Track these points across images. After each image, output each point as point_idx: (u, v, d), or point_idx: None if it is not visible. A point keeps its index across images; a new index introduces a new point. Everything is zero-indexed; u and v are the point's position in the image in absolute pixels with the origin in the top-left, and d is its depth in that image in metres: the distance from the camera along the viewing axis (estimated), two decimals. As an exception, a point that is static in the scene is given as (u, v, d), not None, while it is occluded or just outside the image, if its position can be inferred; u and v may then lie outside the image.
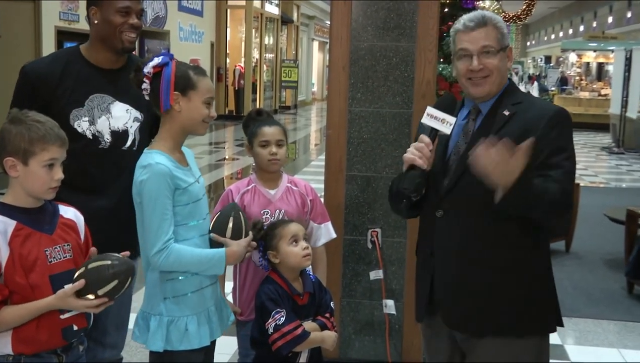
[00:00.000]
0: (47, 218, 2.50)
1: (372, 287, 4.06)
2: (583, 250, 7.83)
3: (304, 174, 12.59)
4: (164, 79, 2.70)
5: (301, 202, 3.38)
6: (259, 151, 3.31)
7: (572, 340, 5.31)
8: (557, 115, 2.57)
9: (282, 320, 2.95)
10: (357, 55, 4.03)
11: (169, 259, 2.66)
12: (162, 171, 2.65)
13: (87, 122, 3.04)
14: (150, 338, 2.75)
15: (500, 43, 2.60)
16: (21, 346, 2.39)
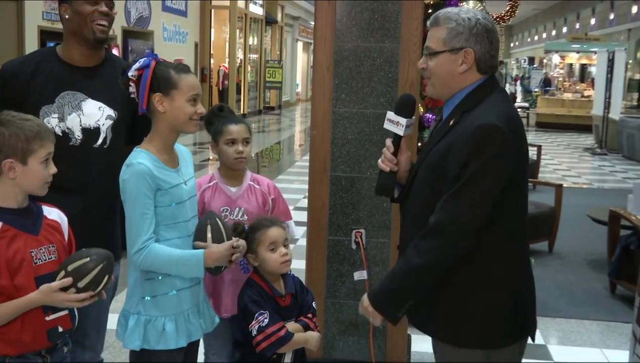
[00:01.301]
0: (32, 219, 2.50)
1: (357, 287, 4.06)
2: (566, 250, 7.88)
3: (288, 174, 12.58)
4: (142, 83, 2.71)
5: (262, 200, 3.42)
6: (225, 149, 3.34)
7: (555, 340, 5.35)
8: (475, 132, 2.31)
9: (265, 321, 2.96)
10: (341, 56, 4.03)
11: (147, 259, 2.66)
12: (141, 171, 2.66)
13: (57, 119, 3.02)
14: (128, 337, 2.77)
15: (445, 44, 2.43)
16: (6, 347, 2.39)
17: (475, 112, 2.38)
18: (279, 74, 28.18)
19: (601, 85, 18.56)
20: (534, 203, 7.94)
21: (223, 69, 24.01)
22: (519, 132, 2.43)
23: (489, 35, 2.43)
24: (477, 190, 2.30)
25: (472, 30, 2.41)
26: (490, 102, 2.41)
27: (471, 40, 2.41)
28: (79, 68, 3.11)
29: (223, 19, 24.45)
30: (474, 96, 2.45)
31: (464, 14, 2.43)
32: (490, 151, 2.28)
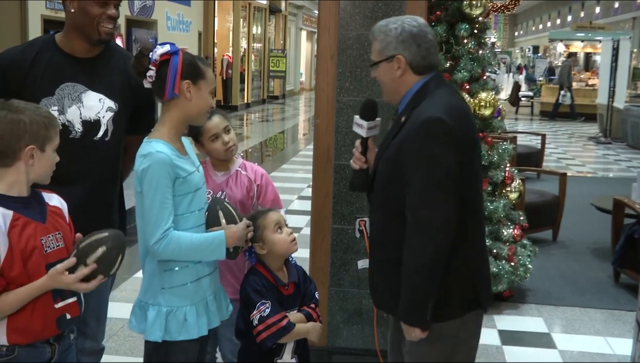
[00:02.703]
0: (38, 207, 2.50)
1: (360, 276, 4.06)
2: (570, 239, 7.87)
3: (292, 163, 12.58)
4: (172, 67, 2.66)
5: (247, 187, 3.44)
6: (211, 146, 3.37)
7: (559, 329, 5.35)
8: (420, 126, 2.55)
9: (267, 311, 2.96)
10: (345, 45, 4.02)
11: (168, 247, 2.63)
12: (162, 159, 2.63)
13: (57, 111, 2.98)
14: (149, 329, 2.74)
15: (381, 55, 2.71)
16: (16, 336, 2.39)
17: (420, 107, 2.61)
18: (282, 63, 28.14)
19: (606, 74, 18.48)
20: (538, 192, 7.94)
21: (227, 58, 23.98)
22: (463, 119, 2.64)
23: (415, 39, 2.67)
24: (436, 175, 2.50)
25: (398, 38, 2.67)
26: (434, 97, 2.64)
27: (399, 47, 2.67)
28: (79, 59, 3.07)
29: (227, 8, 24.40)
30: (420, 94, 2.68)
31: (392, 25, 2.69)
32: (435, 140, 2.51)
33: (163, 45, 2.69)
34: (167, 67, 2.66)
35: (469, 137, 2.64)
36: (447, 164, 2.51)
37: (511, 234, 5.67)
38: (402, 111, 2.73)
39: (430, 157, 2.51)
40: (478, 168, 2.76)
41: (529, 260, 5.76)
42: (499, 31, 50.54)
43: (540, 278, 6.33)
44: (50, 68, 3.01)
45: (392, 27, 2.68)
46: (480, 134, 5.50)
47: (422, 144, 2.53)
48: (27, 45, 3.13)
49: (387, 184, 2.69)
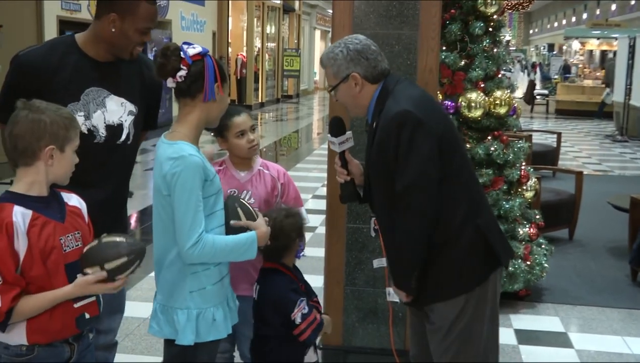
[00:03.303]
0: (57, 206, 2.50)
1: (376, 275, 4.06)
2: (586, 238, 7.83)
3: (306, 162, 12.58)
4: (209, 69, 2.67)
5: (271, 185, 3.45)
6: (236, 142, 3.36)
7: (576, 328, 5.32)
8: (390, 123, 2.78)
9: (306, 308, 2.99)
10: (359, 43, 4.02)
11: (204, 250, 2.62)
12: (196, 163, 2.61)
13: (83, 117, 2.98)
14: (181, 333, 2.72)
15: (336, 78, 2.93)
16: (36, 336, 2.40)
17: (386, 108, 2.83)
18: (296, 63, 28.16)
19: (622, 71, 18.36)
20: (554, 191, 7.90)
21: (241, 57, 24.02)
22: (427, 102, 2.89)
23: (362, 54, 2.91)
24: (415, 160, 2.73)
25: (347, 59, 2.90)
26: (395, 95, 2.86)
27: (351, 66, 2.90)
28: (102, 63, 3.06)
29: (241, 8, 24.45)
30: (381, 97, 2.90)
31: (336, 49, 2.92)
32: (407, 131, 2.73)
33: (191, 46, 2.68)
34: (198, 68, 2.66)
35: (439, 117, 2.88)
36: (425, 149, 2.73)
37: (527, 233, 5.65)
38: (371, 119, 2.94)
39: (408, 147, 2.73)
40: (460, 141, 3.01)
41: (545, 259, 5.73)
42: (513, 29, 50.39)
43: (556, 277, 6.30)
44: (75, 72, 3.00)
45: (338, 51, 2.91)
46: (495, 132, 5.48)
47: (397, 138, 2.74)
48: (49, 47, 3.07)
49: (381, 184, 2.90)
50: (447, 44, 5.35)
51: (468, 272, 2.88)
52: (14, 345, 2.40)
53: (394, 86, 2.90)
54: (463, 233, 2.84)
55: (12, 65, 3.02)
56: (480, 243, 2.87)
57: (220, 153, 3.68)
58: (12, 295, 2.31)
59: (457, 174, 2.86)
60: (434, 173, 2.75)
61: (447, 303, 2.89)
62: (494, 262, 2.93)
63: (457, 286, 2.88)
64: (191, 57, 2.64)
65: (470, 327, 2.90)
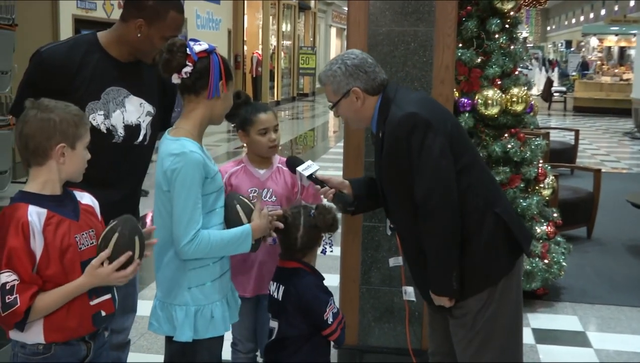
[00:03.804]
0: (70, 205, 2.51)
1: (392, 273, 4.05)
2: (605, 236, 7.78)
3: (322, 161, 12.58)
4: (214, 67, 2.68)
5: (291, 182, 3.45)
6: (257, 139, 3.36)
7: (594, 327, 5.29)
8: (397, 128, 2.81)
9: (336, 308, 3.00)
10: (375, 41, 4.01)
11: (200, 246, 2.63)
12: (196, 160, 2.63)
13: (102, 116, 3.00)
14: (179, 329, 2.73)
15: (336, 95, 2.98)
16: (53, 334, 2.41)
17: (390, 115, 2.87)
18: (312, 60, 28.17)
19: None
20: (572, 189, 7.85)
21: (256, 55, 24.05)
22: (430, 103, 2.98)
23: (359, 68, 2.95)
24: (431, 162, 2.76)
25: (345, 74, 2.94)
26: (397, 101, 2.90)
27: (350, 81, 2.94)
28: (123, 63, 3.07)
29: (256, 6, 24.48)
30: (384, 107, 2.94)
31: (334, 67, 2.97)
32: (416, 133, 2.77)
33: (197, 42, 2.69)
34: (204, 64, 2.67)
35: (445, 115, 2.94)
36: (437, 148, 2.77)
37: (545, 231, 5.62)
38: (376, 129, 2.98)
39: (420, 149, 2.77)
40: (467, 136, 3.09)
41: (563, 258, 5.70)
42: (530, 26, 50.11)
43: (574, 276, 6.26)
44: (97, 71, 3.00)
45: (335, 67, 2.96)
46: (512, 129, 5.45)
47: (407, 142, 2.78)
48: (71, 45, 3.07)
49: (399, 194, 2.93)
50: (463, 41, 5.32)
51: (493, 264, 2.90)
52: (30, 344, 2.41)
53: (394, 94, 2.94)
54: (484, 224, 2.87)
55: (33, 62, 3.02)
56: (501, 232, 2.90)
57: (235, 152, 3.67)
58: (30, 294, 2.32)
59: (470, 168, 2.89)
60: (450, 169, 2.78)
61: (473, 297, 2.91)
62: (516, 250, 2.96)
63: (484, 279, 2.90)
64: (197, 53, 2.66)
65: (495, 318, 2.92)
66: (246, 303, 3.24)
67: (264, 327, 3.35)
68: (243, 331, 3.48)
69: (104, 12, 12.98)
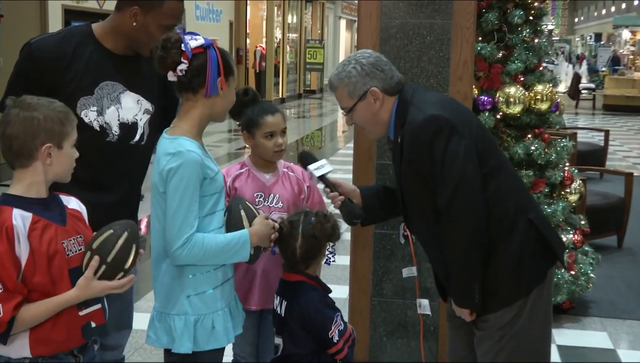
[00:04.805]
0: (57, 209, 2.52)
1: (405, 285, 4.06)
2: (637, 245, 7.76)
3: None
4: (211, 63, 2.69)
5: (298, 188, 3.48)
6: (263, 142, 3.37)
7: (626, 344, 5.29)
8: (419, 132, 2.81)
9: (342, 324, 2.99)
10: (387, 34, 4.02)
11: (193, 251, 2.65)
12: (194, 160, 2.65)
13: (95, 112, 3.01)
14: (178, 340, 2.74)
15: (352, 98, 2.95)
16: (40, 347, 2.41)
17: (409, 119, 2.86)
18: (320, 55, 28.20)
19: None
20: (601, 194, 7.84)
21: (260, 49, 24.10)
22: (452, 105, 2.96)
23: (375, 67, 2.95)
24: (455, 168, 2.75)
25: (362, 74, 2.93)
26: (416, 103, 2.89)
27: (367, 81, 2.93)
28: (119, 56, 3.08)
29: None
30: (401, 109, 2.93)
31: (348, 67, 2.95)
32: (440, 136, 2.76)
33: (194, 37, 2.71)
34: (200, 61, 2.68)
35: (468, 116, 2.96)
36: (461, 152, 2.76)
37: (571, 240, 5.61)
38: (394, 134, 2.97)
39: (444, 153, 2.76)
40: (493, 138, 3.09)
41: (591, 269, 5.69)
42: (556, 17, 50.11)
43: (603, 288, 6.25)
44: (90, 64, 3.01)
45: (350, 68, 2.95)
46: (536, 130, 5.45)
47: (430, 146, 2.78)
48: (64, 36, 3.09)
49: (422, 201, 2.93)
50: (483, 34, 5.33)
51: (524, 273, 2.90)
52: (15, 359, 2.41)
53: (412, 95, 2.94)
54: (515, 231, 2.87)
55: (23, 54, 3.04)
56: (533, 239, 2.90)
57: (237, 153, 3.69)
58: (14, 304, 2.33)
59: (498, 171, 2.90)
60: (476, 175, 2.79)
61: (501, 310, 2.91)
62: (550, 257, 2.97)
63: (515, 290, 2.90)
64: (192, 49, 2.67)
65: (523, 332, 2.92)
66: (249, 317, 3.24)
67: (267, 343, 3.36)
68: (245, 347, 3.50)
69: (96, 3, 13.03)
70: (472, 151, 2.79)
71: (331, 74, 3.06)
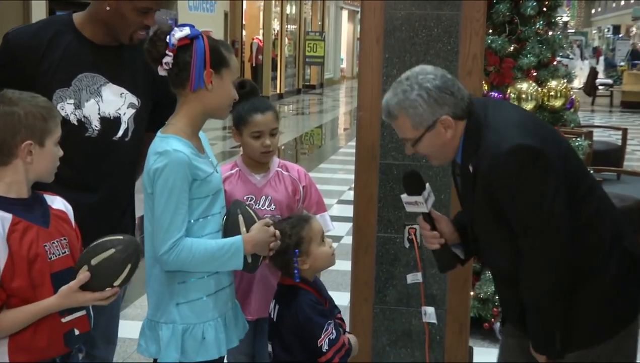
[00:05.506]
0: (39, 210, 2.53)
1: (410, 292, 4.06)
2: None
3: (331, 162, 12.60)
4: (197, 54, 2.68)
5: (292, 189, 3.45)
6: (250, 142, 3.35)
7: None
8: (504, 164, 2.60)
9: (334, 333, 2.97)
10: (392, 26, 4.03)
11: (180, 257, 2.66)
12: (180, 160, 2.65)
13: (72, 105, 3.00)
14: (164, 350, 2.76)
15: (418, 129, 2.69)
16: (19, 355, 2.42)
17: (486, 145, 2.63)
18: (320, 48, 28.21)
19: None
20: (617, 196, 7.82)
21: (257, 42, 24.11)
22: (535, 126, 2.73)
23: (444, 89, 2.67)
24: (543, 207, 2.57)
25: (429, 102, 2.65)
26: (490, 125, 2.66)
27: (437, 110, 2.66)
28: (100, 46, 3.07)
29: (256, -15, 24.54)
30: (472, 132, 2.69)
31: (411, 94, 2.66)
32: (529, 170, 2.56)
33: (182, 28, 2.70)
34: (187, 53, 2.68)
35: (555, 137, 2.74)
36: (552, 186, 2.57)
37: (586, 245, 5.62)
38: (462, 160, 2.77)
39: (532, 188, 2.58)
40: (578, 156, 2.89)
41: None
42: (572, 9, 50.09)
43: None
44: (67, 54, 3.01)
45: (414, 96, 2.67)
46: (549, 128, 5.46)
47: (517, 181, 2.58)
48: (42, 25, 3.10)
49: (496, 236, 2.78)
50: (494, 26, 5.35)
51: (619, 308, 2.72)
52: None
53: (485, 113, 2.71)
54: (610, 262, 2.69)
55: (1, 45, 3.05)
56: (630, 270, 2.72)
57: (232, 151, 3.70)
58: None
59: (591, 194, 2.74)
60: (564, 213, 2.60)
61: (586, 349, 2.73)
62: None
63: (607, 327, 2.73)
64: (177, 41, 2.67)
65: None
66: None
67: (263, 352, 3.37)
68: (239, 356, 3.51)
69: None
70: (562, 185, 2.60)
71: (387, 99, 2.77)
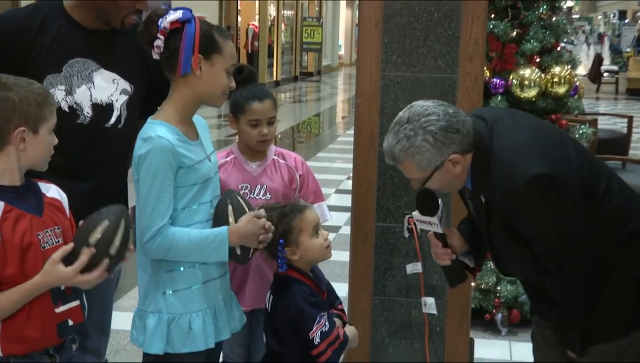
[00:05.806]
0: (33, 198, 2.54)
1: (409, 282, 4.07)
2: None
3: (329, 151, 12.60)
4: (186, 38, 2.69)
5: (289, 177, 3.46)
6: (246, 130, 3.36)
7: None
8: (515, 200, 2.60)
9: (327, 325, 2.97)
10: (392, 11, 4.03)
11: (163, 246, 2.69)
12: (162, 146, 2.67)
13: (64, 92, 3.01)
14: (148, 339, 2.79)
15: (425, 171, 2.66)
16: (11, 345, 2.43)
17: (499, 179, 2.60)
18: (318, 34, 28.16)
19: None
20: (622, 186, 7.84)
21: (252, 28, 24.06)
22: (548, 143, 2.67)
23: (449, 129, 2.60)
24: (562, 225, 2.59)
25: (435, 145, 2.59)
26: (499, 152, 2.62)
27: (444, 150, 2.61)
28: (91, 31, 3.08)
29: (252, -31, 24.49)
30: (480, 159, 2.66)
31: (416, 140, 2.59)
32: (548, 199, 2.55)
33: (175, 11, 2.72)
34: (177, 37, 2.70)
35: (564, 145, 2.71)
36: (570, 210, 2.59)
37: (590, 235, 5.63)
38: (472, 187, 2.78)
39: (552, 215, 2.59)
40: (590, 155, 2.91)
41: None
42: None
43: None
44: (58, 39, 3.01)
45: (419, 141, 2.61)
46: (553, 115, 5.47)
47: (537, 209, 2.58)
48: (31, 9, 3.09)
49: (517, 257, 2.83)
50: (496, 10, 5.35)
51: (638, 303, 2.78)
52: None
53: (490, 135, 2.67)
54: (632, 260, 2.74)
55: None
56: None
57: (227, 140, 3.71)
58: None
59: (610, 186, 2.78)
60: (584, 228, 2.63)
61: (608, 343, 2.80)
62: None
63: (629, 322, 2.78)
64: (169, 24, 2.68)
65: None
66: None
67: (258, 344, 3.38)
68: (235, 347, 3.52)
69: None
70: (580, 202, 2.61)
71: (390, 144, 2.72)
